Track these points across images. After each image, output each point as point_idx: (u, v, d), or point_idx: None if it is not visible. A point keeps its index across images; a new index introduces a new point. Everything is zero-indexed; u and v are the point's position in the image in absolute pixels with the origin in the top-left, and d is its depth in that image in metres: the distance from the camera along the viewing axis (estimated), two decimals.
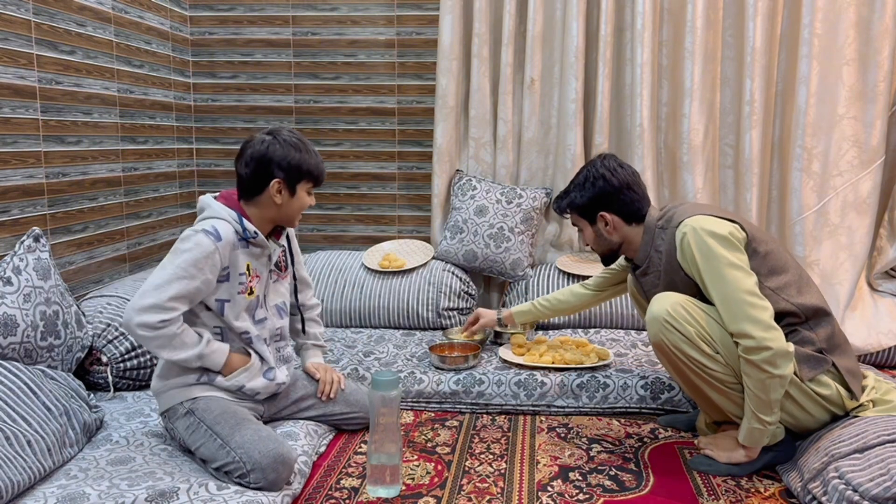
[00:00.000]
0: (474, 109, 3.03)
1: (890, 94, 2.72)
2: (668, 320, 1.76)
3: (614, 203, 1.95)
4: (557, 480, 1.79)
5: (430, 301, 2.85)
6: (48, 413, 1.69)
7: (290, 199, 1.82)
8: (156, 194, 2.99)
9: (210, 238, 1.71)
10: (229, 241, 1.75)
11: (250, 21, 3.21)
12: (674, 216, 1.88)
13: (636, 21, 2.81)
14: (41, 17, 2.27)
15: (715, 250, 1.74)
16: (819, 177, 2.74)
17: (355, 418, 2.05)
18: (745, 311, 1.69)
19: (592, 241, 2.04)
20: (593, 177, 1.96)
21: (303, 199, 1.84)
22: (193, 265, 1.69)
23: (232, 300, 1.78)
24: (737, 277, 1.72)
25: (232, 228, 1.76)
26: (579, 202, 1.99)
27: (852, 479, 1.51)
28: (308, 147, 1.83)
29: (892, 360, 2.64)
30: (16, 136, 2.18)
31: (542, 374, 2.27)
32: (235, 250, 1.77)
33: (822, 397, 1.77)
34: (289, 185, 1.81)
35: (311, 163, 1.82)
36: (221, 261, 1.74)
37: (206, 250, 1.70)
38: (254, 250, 1.82)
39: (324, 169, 1.86)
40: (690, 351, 1.76)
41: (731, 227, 1.77)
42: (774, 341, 1.67)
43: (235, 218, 1.77)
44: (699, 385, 1.83)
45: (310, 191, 1.86)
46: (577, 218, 2.04)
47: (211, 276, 1.72)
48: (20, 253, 1.92)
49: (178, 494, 1.51)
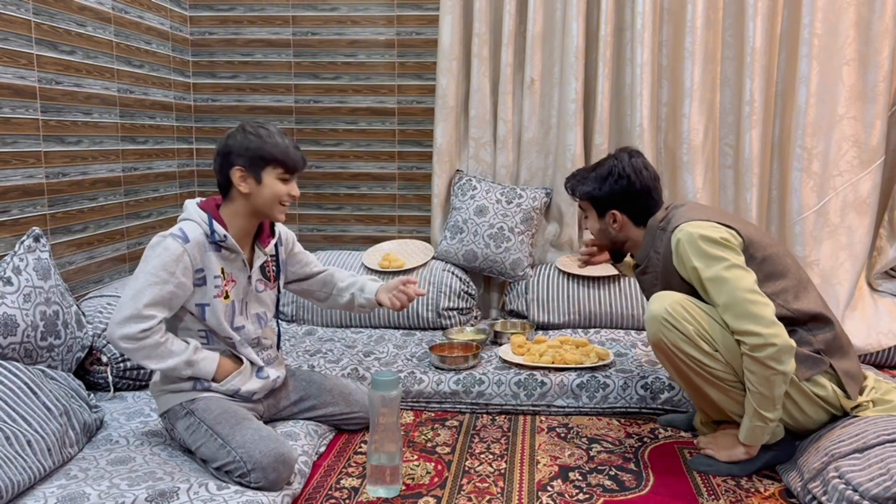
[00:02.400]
0: (474, 109, 3.03)
1: (890, 94, 2.72)
2: (668, 319, 1.76)
3: (630, 205, 1.95)
4: (557, 480, 1.79)
5: (430, 301, 2.85)
6: (48, 413, 1.69)
7: (256, 186, 1.76)
8: (156, 194, 2.99)
9: (177, 241, 1.70)
10: (198, 242, 1.73)
11: (250, 21, 3.21)
12: (672, 219, 1.87)
13: (636, 21, 2.81)
14: (41, 17, 2.27)
15: (712, 254, 1.74)
16: (819, 177, 2.74)
17: (355, 418, 2.05)
18: (747, 310, 1.69)
19: (595, 231, 2.05)
20: (618, 174, 1.93)
21: (273, 186, 1.77)
22: (163, 269, 1.67)
23: (211, 304, 1.77)
24: (737, 276, 1.72)
25: (200, 230, 1.74)
26: (596, 195, 1.97)
27: (852, 478, 1.51)
28: (273, 134, 1.77)
29: (892, 360, 2.64)
30: (16, 136, 2.18)
31: (542, 374, 2.27)
32: (207, 252, 1.75)
33: (819, 397, 1.77)
34: (252, 172, 1.76)
35: (273, 148, 1.75)
36: (193, 263, 1.72)
37: (174, 253, 1.69)
38: (226, 254, 1.79)
39: (294, 155, 1.78)
40: (690, 349, 1.76)
41: (724, 232, 1.77)
42: (779, 337, 1.67)
43: (205, 220, 1.76)
44: (698, 384, 1.82)
45: (282, 177, 1.78)
46: (587, 206, 2.03)
47: (184, 279, 1.70)
48: (20, 253, 1.92)
49: (178, 494, 1.51)
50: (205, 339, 1.81)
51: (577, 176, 2.04)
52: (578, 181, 2.02)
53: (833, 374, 1.78)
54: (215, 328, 1.79)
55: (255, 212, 1.81)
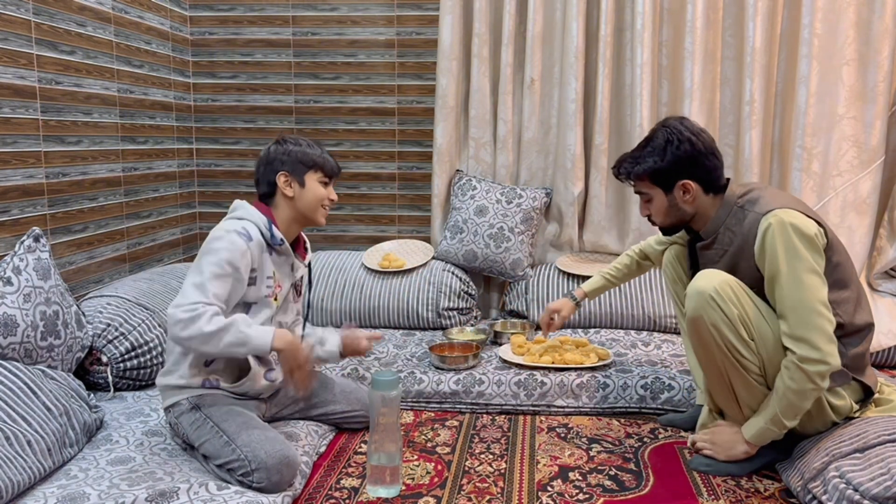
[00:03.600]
0: (474, 109, 3.03)
1: (890, 94, 2.72)
2: (714, 297, 1.69)
3: (698, 169, 1.79)
4: (557, 480, 1.79)
5: (430, 301, 2.85)
6: (48, 413, 1.69)
7: (301, 190, 1.86)
8: (156, 194, 2.99)
9: (242, 238, 1.73)
10: (259, 242, 1.77)
11: (250, 21, 3.21)
12: (759, 200, 1.76)
13: (636, 21, 2.81)
14: (41, 17, 2.27)
15: (801, 252, 1.66)
16: (819, 177, 2.74)
17: (355, 417, 2.06)
18: (815, 321, 1.64)
19: (662, 212, 1.87)
20: (677, 140, 1.78)
21: (315, 189, 1.87)
22: (229, 263, 1.69)
23: (259, 303, 1.79)
24: (815, 284, 1.66)
25: (259, 232, 1.78)
26: (660, 167, 1.80)
27: (853, 478, 1.50)
28: (311, 143, 1.90)
29: (892, 360, 2.64)
30: (16, 136, 2.18)
31: (542, 374, 2.27)
32: (263, 253, 1.79)
33: (832, 407, 1.76)
34: (296, 176, 1.86)
35: (314, 154, 1.88)
36: (253, 261, 1.75)
37: (240, 248, 1.71)
38: (278, 258, 1.84)
39: (332, 162, 1.91)
40: (727, 332, 1.70)
41: (817, 229, 1.69)
42: (833, 357, 1.64)
43: (265, 223, 1.80)
44: (723, 368, 1.76)
45: (322, 181, 1.89)
46: (649, 186, 1.85)
47: (245, 275, 1.73)
48: (20, 253, 1.91)
49: (178, 494, 1.51)
50: None
51: (626, 159, 1.87)
52: (632, 163, 1.85)
53: (854, 387, 1.78)
54: None
55: (298, 216, 1.88)
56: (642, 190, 1.88)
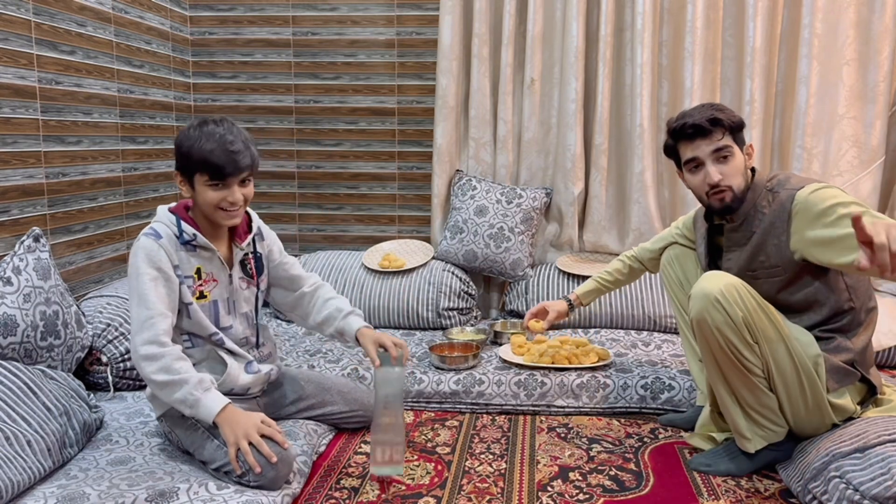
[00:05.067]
0: (474, 109, 3.03)
1: (890, 94, 2.72)
2: (720, 300, 1.68)
3: None
4: (557, 480, 1.79)
5: (430, 301, 2.85)
6: (48, 413, 1.69)
7: (193, 192, 1.71)
8: (156, 194, 2.99)
9: (150, 238, 1.70)
10: (170, 240, 1.72)
11: (250, 21, 3.21)
12: (790, 179, 1.78)
13: (636, 21, 2.82)
14: (41, 17, 2.27)
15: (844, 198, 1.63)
16: (819, 177, 2.74)
17: (355, 417, 2.05)
18: None
19: (740, 171, 1.81)
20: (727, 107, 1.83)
21: (203, 193, 1.68)
22: (149, 265, 1.67)
23: (193, 304, 1.75)
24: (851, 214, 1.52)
25: (169, 230, 1.73)
26: (738, 121, 1.81)
27: (853, 478, 1.50)
28: (211, 135, 1.64)
29: (892, 360, 2.64)
30: (16, 136, 2.18)
31: (542, 374, 2.27)
32: (179, 252, 1.73)
33: (834, 407, 1.76)
34: (185, 176, 1.70)
35: (198, 152, 1.63)
36: (170, 258, 1.70)
37: (151, 248, 1.68)
38: (202, 253, 1.77)
39: (220, 159, 1.62)
40: (731, 335, 1.70)
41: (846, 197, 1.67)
42: None
43: (173, 221, 1.74)
44: (726, 370, 1.76)
45: (210, 184, 1.67)
46: (730, 140, 1.80)
47: (170, 272, 1.69)
48: (20, 253, 1.91)
49: (178, 494, 1.51)
50: (188, 342, 1.79)
51: (714, 108, 1.83)
52: (727, 113, 1.81)
53: (856, 387, 1.78)
54: (198, 330, 1.77)
55: (205, 215, 1.75)
56: (727, 144, 1.81)
